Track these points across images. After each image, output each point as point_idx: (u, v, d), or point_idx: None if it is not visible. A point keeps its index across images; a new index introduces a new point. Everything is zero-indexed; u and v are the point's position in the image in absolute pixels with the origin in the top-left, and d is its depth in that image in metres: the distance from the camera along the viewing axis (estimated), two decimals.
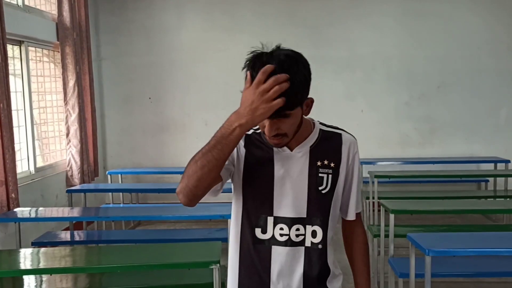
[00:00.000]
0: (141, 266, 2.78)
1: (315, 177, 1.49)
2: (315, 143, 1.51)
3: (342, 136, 1.56)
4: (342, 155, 1.52)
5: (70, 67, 5.34)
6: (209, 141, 1.32)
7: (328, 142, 1.53)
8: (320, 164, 1.49)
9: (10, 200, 4.09)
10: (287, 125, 1.38)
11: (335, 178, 1.51)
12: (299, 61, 1.37)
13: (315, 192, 1.48)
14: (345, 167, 1.53)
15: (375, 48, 6.28)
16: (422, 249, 2.70)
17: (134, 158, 6.56)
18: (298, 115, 1.40)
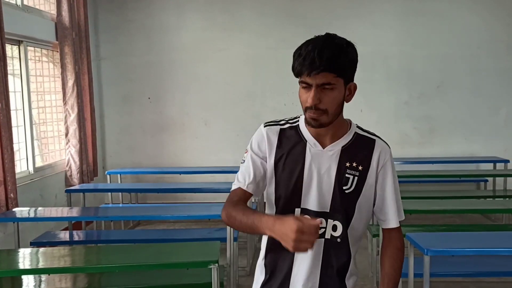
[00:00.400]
0: (140, 266, 2.78)
1: (341, 177, 1.53)
2: (347, 144, 1.56)
3: (376, 142, 1.60)
4: (372, 161, 1.56)
5: (69, 67, 5.34)
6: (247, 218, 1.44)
7: (360, 146, 1.57)
8: (349, 165, 1.54)
9: (9, 200, 4.09)
10: (329, 99, 1.44)
11: (362, 181, 1.54)
12: (352, 45, 1.51)
13: (339, 191, 1.53)
14: (374, 173, 1.56)
15: (374, 48, 6.28)
16: (421, 249, 2.70)
17: (134, 158, 6.56)
18: (341, 92, 1.47)
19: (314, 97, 1.43)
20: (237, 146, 5.90)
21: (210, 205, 4.28)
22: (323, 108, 1.45)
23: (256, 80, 6.35)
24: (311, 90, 1.43)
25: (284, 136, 1.57)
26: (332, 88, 1.44)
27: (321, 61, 1.40)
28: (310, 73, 1.41)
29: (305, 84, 1.45)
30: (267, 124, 1.60)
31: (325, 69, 1.40)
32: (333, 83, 1.43)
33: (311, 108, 1.45)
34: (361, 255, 4.67)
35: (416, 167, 5.97)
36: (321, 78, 1.42)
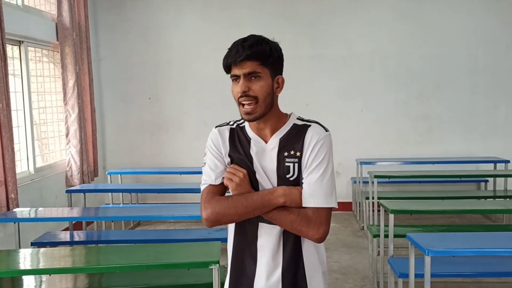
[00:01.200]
0: (141, 266, 2.77)
1: (282, 166, 1.61)
2: (285, 135, 1.63)
3: (310, 127, 1.64)
4: (304, 144, 1.61)
5: (70, 67, 5.34)
6: (252, 200, 1.57)
7: (296, 134, 1.63)
8: (287, 154, 1.61)
9: (10, 200, 4.09)
10: (257, 87, 1.56)
11: (300, 167, 1.61)
12: (276, 42, 1.64)
13: (284, 179, 1.61)
14: (306, 155, 1.60)
15: (373, 47, 6.29)
16: (421, 249, 2.70)
17: (134, 158, 6.56)
18: (268, 82, 1.59)
19: (242, 85, 1.56)
20: None
21: None
22: (253, 95, 1.56)
23: None
24: (240, 80, 1.57)
25: (234, 135, 1.69)
26: (259, 77, 1.56)
27: (244, 49, 1.54)
28: (235, 62, 1.54)
29: (234, 76, 1.58)
30: (218, 126, 1.74)
31: (248, 56, 1.53)
32: (259, 71, 1.56)
33: (242, 96, 1.56)
34: (361, 255, 4.68)
35: (416, 168, 5.98)
36: (247, 67, 1.54)
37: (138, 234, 4.64)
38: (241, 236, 1.68)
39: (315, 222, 1.56)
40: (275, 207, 1.57)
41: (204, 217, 1.60)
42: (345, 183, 6.42)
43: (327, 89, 6.33)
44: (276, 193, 1.56)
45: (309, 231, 1.56)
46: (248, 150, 1.65)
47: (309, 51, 6.31)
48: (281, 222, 1.58)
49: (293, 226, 1.57)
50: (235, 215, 1.58)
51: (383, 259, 3.80)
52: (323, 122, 1.68)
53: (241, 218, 1.59)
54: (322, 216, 1.57)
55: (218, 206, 1.58)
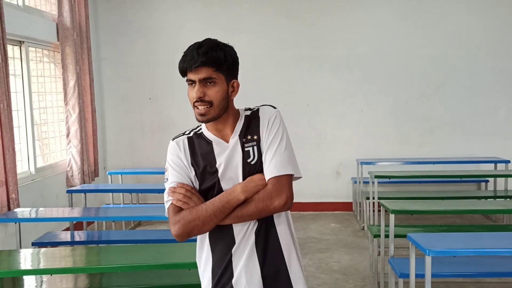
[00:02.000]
0: (141, 266, 2.78)
1: (244, 153, 1.64)
2: (242, 128, 1.67)
3: (260, 109, 1.70)
4: (260, 125, 1.65)
5: (70, 67, 5.35)
6: (214, 204, 1.58)
7: (251, 121, 1.68)
8: (245, 140, 1.65)
9: (10, 200, 4.09)
10: (213, 92, 1.59)
11: (260, 148, 1.64)
12: (231, 46, 1.67)
13: (247, 165, 1.63)
14: (264, 135, 1.64)
15: (374, 48, 6.29)
16: (422, 249, 2.70)
17: (134, 158, 6.56)
18: (223, 87, 1.61)
19: (198, 91, 1.58)
20: None
21: None
22: (208, 100, 1.59)
23: (256, 80, 6.35)
24: (195, 85, 1.59)
25: (192, 143, 1.70)
26: (214, 83, 1.59)
27: (199, 55, 1.57)
28: (191, 68, 1.58)
29: (190, 81, 1.61)
30: (174, 138, 1.74)
31: (203, 63, 1.56)
32: (214, 77, 1.58)
33: (198, 101, 1.59)
34: (362, 255, 4.68)
35: (417, 168, 5.98)
36: (202, 73, 1.57)
37: (139, 234, 4.64)
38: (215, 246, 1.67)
39: (277, 192, 1.57)
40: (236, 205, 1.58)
41: (174, 233, 1.60)
42: (346, 183, 6.42)
43: (328, 89, 6.33)
44: (235, 192, 1.58)
45: (273, 203, 1.57)
46: (210, 152, 1.66)
47: (310, 51, 6.31)
48: (248, 215, 1.59)
49: (258, 208, 1.57)
50: (200, 223, 1.58)
51: (383, 259, 3.80)
52: (323, 122, 1.69)
53: (207, 226, 1.59)
54: (281, 183, 1.58)
55: (183, 219, 1.59)
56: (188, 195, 1.61)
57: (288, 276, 1.66)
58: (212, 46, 1.61)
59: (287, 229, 1.68)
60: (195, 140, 1.70)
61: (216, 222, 1.58)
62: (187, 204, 1.60)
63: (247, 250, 1.63)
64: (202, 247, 1.71)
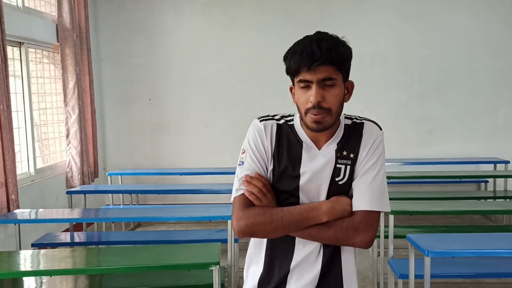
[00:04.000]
0: (141, 267, 2.78)
1: (334, 169, 1.46)
2: (342, 139, 1.48)
3: (364, 125, 1.50)
4: (362, 144, 1.47)
5: (70, 68, 5.35)
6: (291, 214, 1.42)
7: (351, 134, 1.49)
8: (339, 155, 1.47)
9: (10, 201, 4.09)
10: (332, 96, 1.38)
11: (353, 168, 1.47)
12: (345, 40, 1.47)
13: (334, 184, 1.46)
14: (362, 156, 1.47)
15: (374, 48, 6.29)
16: (421, 250, 2.70)
17: (134, 159, 6.57)
18: (342, 89, 1.42)
19: (317, 94, 1.36)
20: (237, 147, 5.89)
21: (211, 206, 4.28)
22: (326, 107, 1.38)
23: (256, 80, 6.36)
24: (312, 88, 1.37)
25: (281, 133, 1.49)
26: (333, 84, 1.39)
27: (321, 52, 1.35)
28: (310, 67, 1.36)
29: (304, 82, 1.39)
30: (263, 119, 1.52)
31: (326, 60, 1.36)
32: (334, 77, 1.39)
33: (314, 108, 1.37)
34: (362, 256, 4.67)
35: (417, 168, 5.98)
36: (322, 72, 1.37)
37: (139, 235, 4.64)
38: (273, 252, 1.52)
39: (364, 227, 1.42)
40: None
41: (236, 228, 1.43)
42: None
43: None
44: (319, 210, 1.42)
45: (356, 238, 1.42)
46: (298, 154, 1.47)
47: None
48: (322, 238, 1.44)
49: (337, 237, 1.43)
50: (270, 229, 1.42)
51: (383, 260, 3.80)
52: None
53: (276, 233, 1.43)
54: (371, 220, 1.43)
55: (253, 217, 1.42)
56: (264, 191, 1.43)
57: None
58: (334, 41, 1.41)
59: (353, 258, 1.53)
60: (285, 130, 1.49)
61: (287, 233, 1.43)
62: (259, 201, 1.43)
63: (307, 274, 1.48)
64: (259, 250, 1.55)
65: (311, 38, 1.41)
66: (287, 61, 1.43)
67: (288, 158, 1.47)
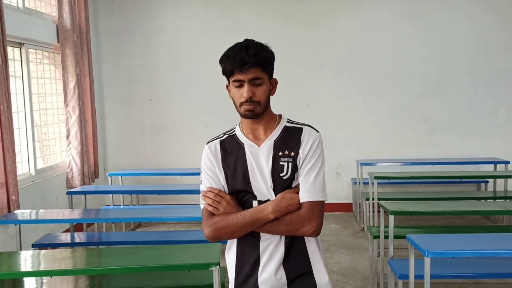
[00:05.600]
0: (141, 267, 2.78)
1: (277, 165, 1.70)
2: (278, 137, 1.73)
3: (303, 129, 1.75)
4: (301, 145, 1.70)
5: (71, 69, 5.35)
6: (244, 218, 1.66)
7: (290, 136, 1.74)
8: (281, 154, 1.71)
9: (11, 202, 4.10)
10: (260, 92, 1.67)
11: (295, 165, 1.69)
12: (268, 46, 1.76)
13: (278, 178, 1.69)
14: (303, 155, 1.70)
15: (373, 49, 6.30)
16: (421, 251, 2.71)
17: (134, 159, 6.57)
18: (268, 86, 1.71)
19: (249, 91, 1.65)
20: None
21: None
22: (256, 100, 1.67)
23: None
24: (244, 86, 1.65)
25: (225, 146, 1.77)
26: (261, 83, 1.67)
27: (249, 57, 1.63)
28: (241, 69, 1.63)
29: (237, 82, 1.66)
30: (209, 142, 1.81)
31: (253, 64, 1.63)
32: (261, 77, 1.67)
33: (247, 101, 1.66)
34: (361, 256, 4.68)
35: (416, 169, 5.99)
36: (251, 73, 1.64)
37: (139, 236, 4.65)
38: (242, 247, 1.76)
39: (309, 218, 1.65)
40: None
41: (206, 235, 1.71)
42: (345, 184, 6.43)
43: (328, 90, 6.34)
44: (266, 210, 1.65)
45: (304, 228, 1.65)
46: (242, 154, 1.73)
47: (310, 52, 6.32)
48: (276, 231, 1.67)
49: (288, 230, 1.66)
50: (229, 232, 1.68)
51: (383, 260, 3.81)
52: (323, 124, 1.73)
53: (236, 235, 1.69)
54: (315, 211, 1.66)
55: (214, 225, 1.68)
56: (217, 200, 1.70)
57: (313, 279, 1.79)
58: (259, 47, 1.69)
59: (314, 242, 1.76)
60: (228, 142, 1.78)
61: (245, 233, 1.68)
62: (217, 209, 1.69)
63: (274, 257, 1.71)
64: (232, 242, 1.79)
65: (241, 45, 1.68)
66: (223, 64, 1.68)
67: (235, 160, 1.73)
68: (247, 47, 1.68)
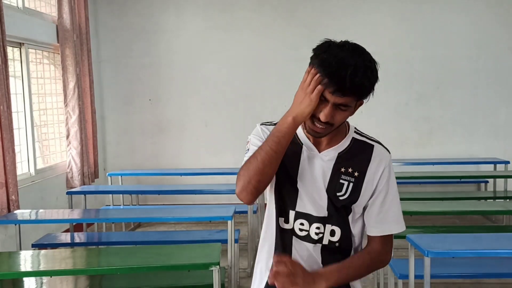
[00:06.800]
0: (141, 267, 2.78)
1: (336, 183, 1.49)
2: (344, 150, 1.52)
3: (375, 148, 1.53)
4: (370, 167, 1.50)
5: (70, 69, 5.35)
6: (265, 142, 1.43)
7: (358, 151, 1.52)
8: (344, 171, 1.50)
9: (11, 202, 4.09)
10: (340, 117, 1.42)
11: (357, 187, 1.49)
12: (376, 66, 1.52)
13: (334, 196, 1.49)
14: (372, 180, 1.50)
15: (373, 49, 6.14)
16: (421, 250, 2.71)
17: (134, 159, 6.57)
18: (351, 111, 1.45)
19: (329, 115, 1.39)
20: (237, 147, 5.90)
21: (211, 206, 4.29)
22: (332, 123, 1.42)
23: (256, 81, 6.37)
24: (327, 106, 1.39)
25: None
26: (346, 109, 1.42)
27: (352, 86, 1.37)
28: (334, 92, 1.37)
29: (322, 97, 1.40)
30: (264, 124, 1.58)
31: (351, 93, 1.38)
32: (350, 105, 1.42)
33: (320, 121, 1.41)
34: None
35: (416, 168, 5.98)
36: (342, 100, 1.38)
37: (139, 236, 4.64)
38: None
39: (384, 251, 1.54)
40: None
41: (237, 191, 1.45)
42: None
43: None
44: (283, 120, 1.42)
45: (380, 264, 1.57)
46: (297, 153, 1.50)
47: (310, 53, 6.28)
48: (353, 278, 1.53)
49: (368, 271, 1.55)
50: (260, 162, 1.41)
51: None
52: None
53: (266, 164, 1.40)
54: (390, 242, 1.55)
55: (243, 166, 1.45)
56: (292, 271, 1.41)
57: None
58: (367, 75, 1.44)
59: None
60: None
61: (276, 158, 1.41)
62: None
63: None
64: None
65: (348, 60, 1.41)
66: (317, 66, 1.44)
67: (287, 159, 1.47)
68: (356, 70, 1.39)
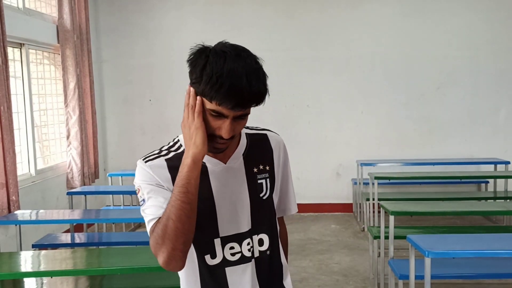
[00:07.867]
0: (142, 268, 2.78)
1: (255, 185, 1.39)
2: (246, 149, 1.40)
3: (268, 136, 1.46)
4: (274, 156, 1.44)
5: (71, 69, 5.35)
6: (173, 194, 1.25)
7: (257, 146, 1.42)
8: (257, 171, 1.39)
9: (11, 202, 4.10)
10: (241, 126, 1.29)
11: (273, 181, 1.43)
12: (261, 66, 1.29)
13: (257, 200, 1.38)
14: (279, 167, 1.45)
15: (373, 49, 6.29)
16: (422, 251, 2.70)
17: (135, 160, 6.50)
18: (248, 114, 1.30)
19: (231, 130, 1.24)
20: None
21: None
22: (233, 135, 1.27)
23: None
24: (225, 121, 1.23)
25: (174, 167, 1.30)
26: (246, 116, 1.28)
27: (250, 96, 1.20)
28: (233, 108, 1.20)
29: (217, 113, 1.23)
30: (147, 160, 1.39)
31: (251, 103, 1.22)
32: (249, 111, 1.27)
33: (223, 139, 1.26)
34: (362, 257, 4.68)
35: (417, 169, 5.98)
36: (242, 111, 1.24)
37: (139, 236, 4.64)
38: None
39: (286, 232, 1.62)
40: None
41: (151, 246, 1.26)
42: (346, 184, 6.42)
43: (328, 91, 6.34)
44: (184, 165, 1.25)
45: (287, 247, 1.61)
46: (205, 177, 1.32)
47: (310, 52, 6.32)
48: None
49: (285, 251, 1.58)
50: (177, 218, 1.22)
51: (383, 261, 3.81)
52: (323, 124, 1.64)
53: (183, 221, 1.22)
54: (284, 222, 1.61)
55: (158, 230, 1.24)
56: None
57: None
58: (259, 76, 1.23)
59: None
60: (176, 161, 1.33)
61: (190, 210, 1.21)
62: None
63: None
64: None
65: (239, 73, 1.19)
66: (202, 85, 1.25)
67: None
68: (250, 79, 1.19)
